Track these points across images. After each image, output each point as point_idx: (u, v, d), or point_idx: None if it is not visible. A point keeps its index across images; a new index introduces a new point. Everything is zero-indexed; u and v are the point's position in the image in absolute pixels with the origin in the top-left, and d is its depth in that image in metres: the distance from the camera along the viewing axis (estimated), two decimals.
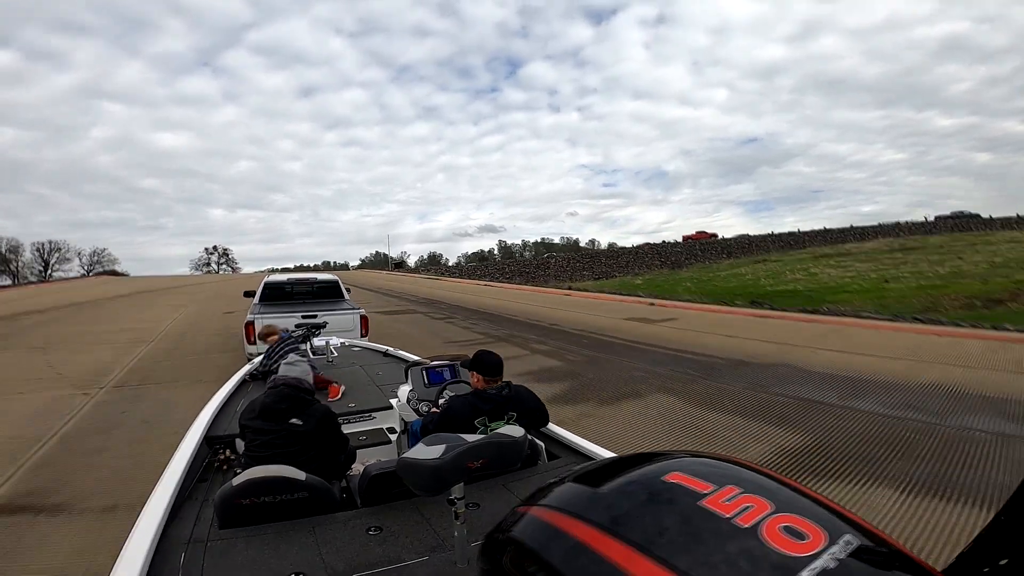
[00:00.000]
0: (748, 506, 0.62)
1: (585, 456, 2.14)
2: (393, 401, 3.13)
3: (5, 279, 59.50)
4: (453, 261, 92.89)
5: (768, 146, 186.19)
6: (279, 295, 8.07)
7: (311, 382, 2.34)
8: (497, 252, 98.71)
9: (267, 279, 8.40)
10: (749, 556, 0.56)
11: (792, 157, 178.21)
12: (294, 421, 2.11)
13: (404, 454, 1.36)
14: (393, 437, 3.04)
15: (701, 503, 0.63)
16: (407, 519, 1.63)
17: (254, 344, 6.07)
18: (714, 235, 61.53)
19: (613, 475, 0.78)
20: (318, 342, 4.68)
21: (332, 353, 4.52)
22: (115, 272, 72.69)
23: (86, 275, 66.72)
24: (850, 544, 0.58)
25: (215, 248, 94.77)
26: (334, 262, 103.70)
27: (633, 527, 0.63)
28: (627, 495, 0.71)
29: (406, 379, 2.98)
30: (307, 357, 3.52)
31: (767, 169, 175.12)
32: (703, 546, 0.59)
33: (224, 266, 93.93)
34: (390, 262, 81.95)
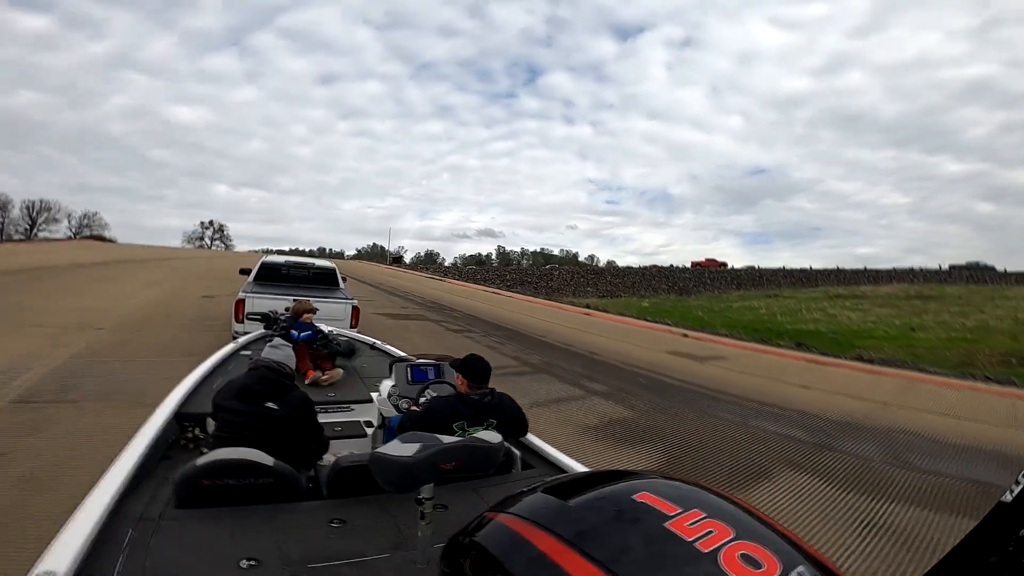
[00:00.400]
0: (710, 531, 0.63)
1: (559, 469, 2.12)
2: (374, 395, 3.04)
3: None
4: (450, 261, 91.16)
5: (775, 178, 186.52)
6: (274, 276, 7.90)
7: (293, 367, 2.31)
8: (495, 257, 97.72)
9: (264, 259, 8.24)
10: None
11: (797, 192, 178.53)
12: (270, 405, 2.07)
13: (378, 449, 1.35)
14: (369, 431, 2.99)
15: (666, 525, 0.64)
16: (372, 514, 1.61)
17: (242, 323, 6.05)
18: (723, 264, 60.20)
19: (584, 490, 0.79)
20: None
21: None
22: (102, 238, 70.09)
23: (72, 238, 64.50)
24: (802, 575, 0.61)
25: (211, 223, 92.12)
26: (330, 249, 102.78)
27: (597, 544, 0.64)
28: (595, 511, 0.72)
29: (390, 374, 2.93)
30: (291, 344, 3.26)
31: (771, 202, 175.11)
32: (663, 569, 0.60)
33: (217, 242, 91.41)
34: (388, 256, 79.73)
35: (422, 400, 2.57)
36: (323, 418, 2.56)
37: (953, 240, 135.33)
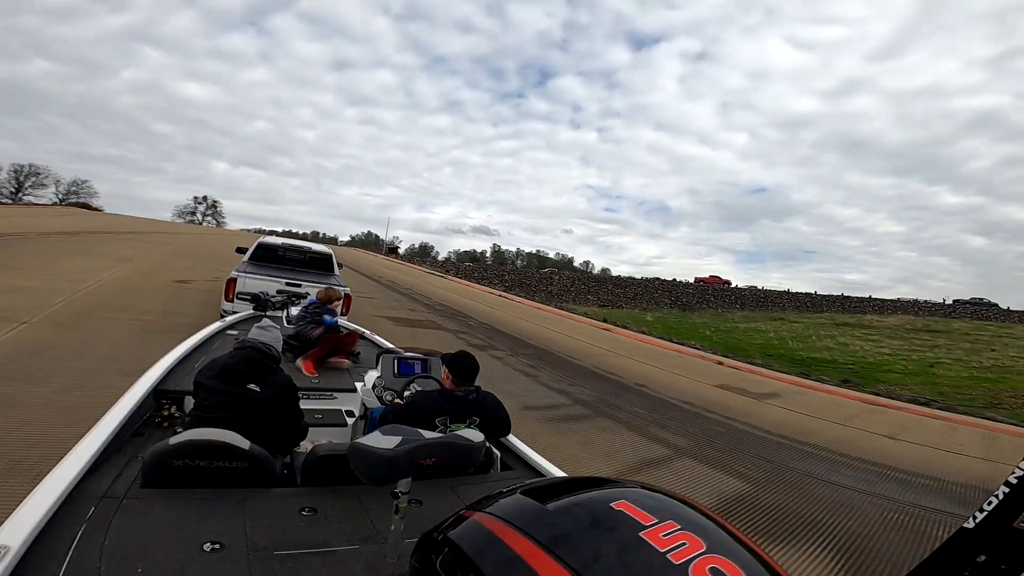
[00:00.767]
0: (683, 543, 0.64)
1: (538, 472, 2.11)
2: (358, 385, 3.01)
3: None
4: (443, 255, 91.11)
5: (774, 198, 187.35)
6: (270, 257, 7.78)
7: (280, 350, 2.28)
8: (489, 255, 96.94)
9: (261, 239, 8.15)
10: None
11: (795, 214, 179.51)
12: (252, 387, 2.04)
13: (358, 439, 1.31)
14: (350, 421, 2.94)
15: (641, 534, 0.65)
16: (345, 505, 1.58)
17: (231, 302, 5.97)
18: (727, 282, 59.11)
19: (563, 494, 0.78)
20: (295, 311, 4.59)
21: None
22: (87, 206, 67.45)
23: (58, 204, 62.00)
24: None
25: (204, 198, 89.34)
26: (324, 234, 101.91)
27: (571, 549, 0.64)
28: (572, 516, 0.72)
29: (376, 365, 2.89)
30: (279, 326, 2.87)
31: (767, 222, 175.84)
32: None
33: (209, 218, 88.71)
34: (384, 246, 77.30)
35: (407, 394, 2.55)
36: (305, 404, 2.45)
37: (941, 272, 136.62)
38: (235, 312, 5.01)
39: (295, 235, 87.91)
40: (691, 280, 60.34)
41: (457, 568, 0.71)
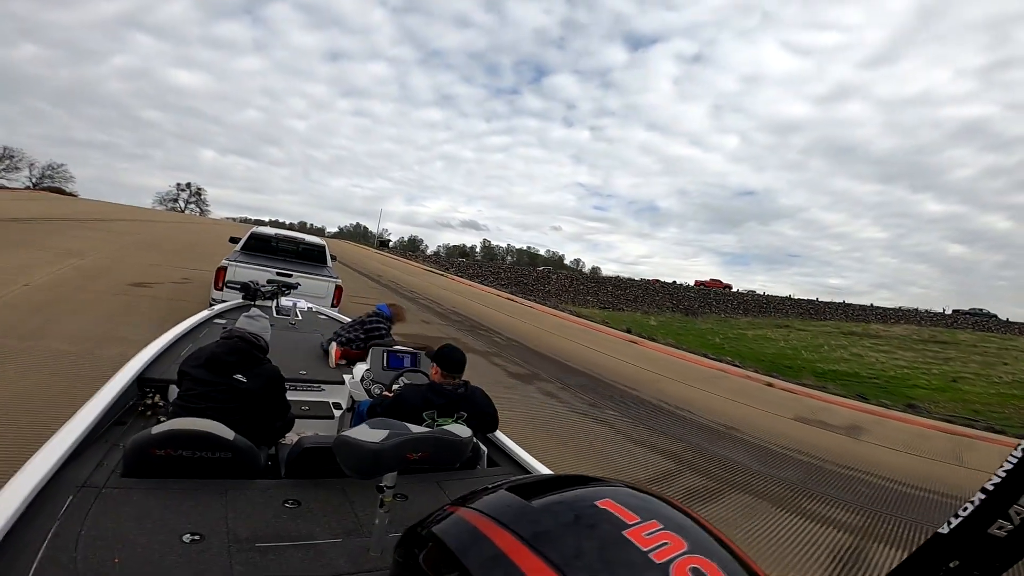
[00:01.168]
0: (665, 543, 0.64)
1: (524, 469, 2.10)
2: (346, 377, 2.98)
3: None
4: (432, 249, 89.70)
5: (762, 202, 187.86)
6: (262, 247, 7.68)
7: (268, 339, 2.24)
8: (479, 250, 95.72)
9: (254, 229, 8.12)
10: None
11: (781, 217, 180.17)
12: (238, 377, 2.01)
13: (344, 432, 1.30)
14: (337, 413, 2.91)
15: (624, 533, 0.65)
16: (329, 498, 1.57)
17: (221, 290, 5.97)
18: (728, 286, 57.95)
19: (548, 492, 0.79)
20: (285, 302, 4.75)
21: (296, 316, 4.54)
22: (60, 190, 63.98)
23: (30, 188, 58.67)
24: None
25: (187, 185, 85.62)
26: (311, 224, 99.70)
27: (554, 546, 0.64)
28: (557, 513, 0.72)
29: (365, 357, 2.88)
30: (268, 315, 2.96)
31: (754, 225, 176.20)
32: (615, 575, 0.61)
33: (193, 206, 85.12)
34: (376, 239, 74.40)
35: (395, 387, 2.53)
36: (291, 396, 2.43)
37: (920, 279, 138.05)
38: (224, 301, 4.97)
39: (282, 225, 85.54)
40: (691, 283, 59.06)
41: (441, 563, 0.70)
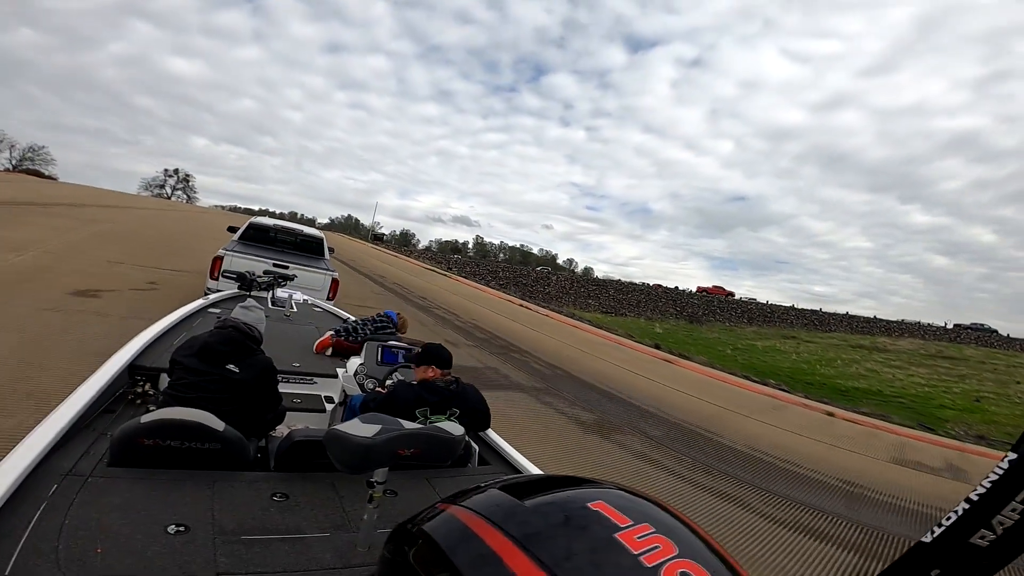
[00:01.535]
0: (656, 546, 0.63)
1: (516, 469, 2.07)
2: (340, 371, 2.96)
3: None
4: (424, 244, 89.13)
5: (752, 208, 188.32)
6: (260, 237, 7.55)
7: (262, 331, 2.24)
8: (472, 247, 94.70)
9: (253, 220, 7.94)
10: None
11: (771, 224, 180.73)
12: (231, 367, 1.97)
13: (335, 426, 1.30)
14: (329, 407, 2.86)
15: (616, 535, 0.65)
16: (318, 493, 1.52)
17: (216, 280, 5.95)
18: (731, 293, 56.87)
19: (541, 492, 0.78)
20: (281, 293, 4.79)
21: (292, 308, 4.52)
22: (39, 173, 61.16)
23: (8, 170, 56.21)
24: None
25: (175, 171, 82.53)
26: (302, 215, 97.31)
27: (545, 546, 0.64)
28: (548, 514, 0.71)
29: (360, 352, 2.89)
30: (263, 306, 2.92)
31: (744, 230, 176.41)
32: None
33: (180, 192, 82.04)
34: (371, 233, 71.85)
35: (388, 383, 2.49)
36: (283, 388, 2.42)
37: (903, 289, 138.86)
38: (219, 290, 5.11)
39: (272, 214, 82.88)
40: (693, 289, 57.87)
41: (429, 561, 0.70)
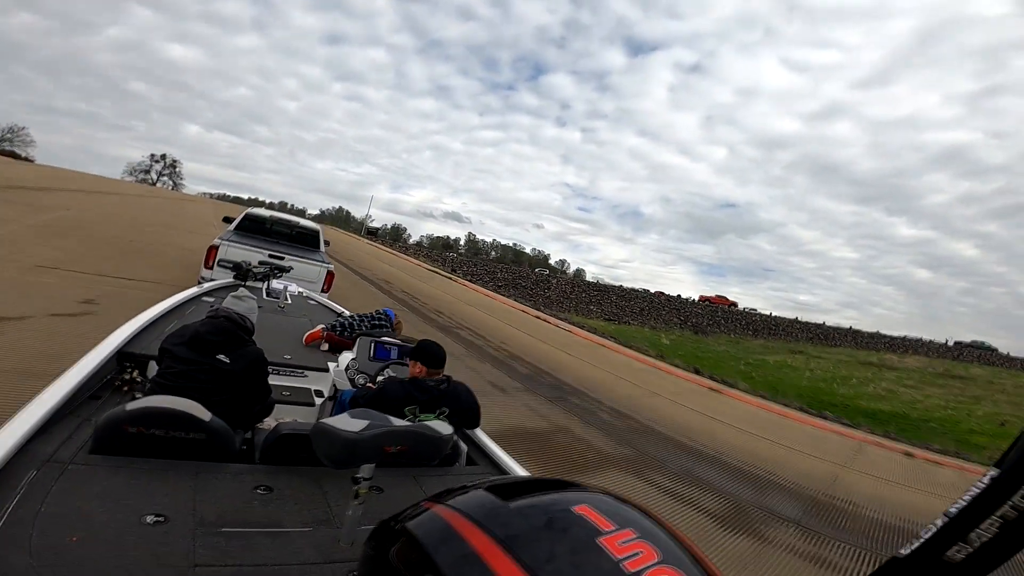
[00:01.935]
0: (638, 552, 0.63)
1: (503, 470, 2.06)
2: (331, 365, 2.91)
3: None
4: (415, 239, 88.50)
5: (742, 215, 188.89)
6: (256, 228, 7.52)
7: (255, 322, 2.22)
8: (464, 244, 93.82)
9: (249, 210, 7.95)
10: None
11: (760, 232, 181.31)
12: (221, 357, 1.96)
13: (323, 420, 1.30)
14: (318, 401, 2.83)
15: (598, 540, 0.64)
16: (303, 487, 1.51)
17: (211, 269, 5.92)
18: (734, 303, 55.81)
19: (527, 494, 0.78)
20: (276, 285, 4.69)
21: (286, 300, 4.35)
22: (14, 154, 58.33)
23: None
24: None
25: (162, 157, 79.46)
26: (292, 205, 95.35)
27: (528, 548, 0.63)
28: (533, 516, 0.71)
29: (352, 347, 2.85)
30: (256, 297, 2.84)
31: (733, 237, 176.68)
32: None
33: (166, 178, 78.91)
34: (364, 227, 69.17)
35: (379, 379, 2.48)
36: (273, 380, 2.41)
37: (885, 301, 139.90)
38: (213, 280, 4.99)
39: (261, 203, 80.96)
40: (695, 298, 56.75)
41: (411, 559, 0.69)
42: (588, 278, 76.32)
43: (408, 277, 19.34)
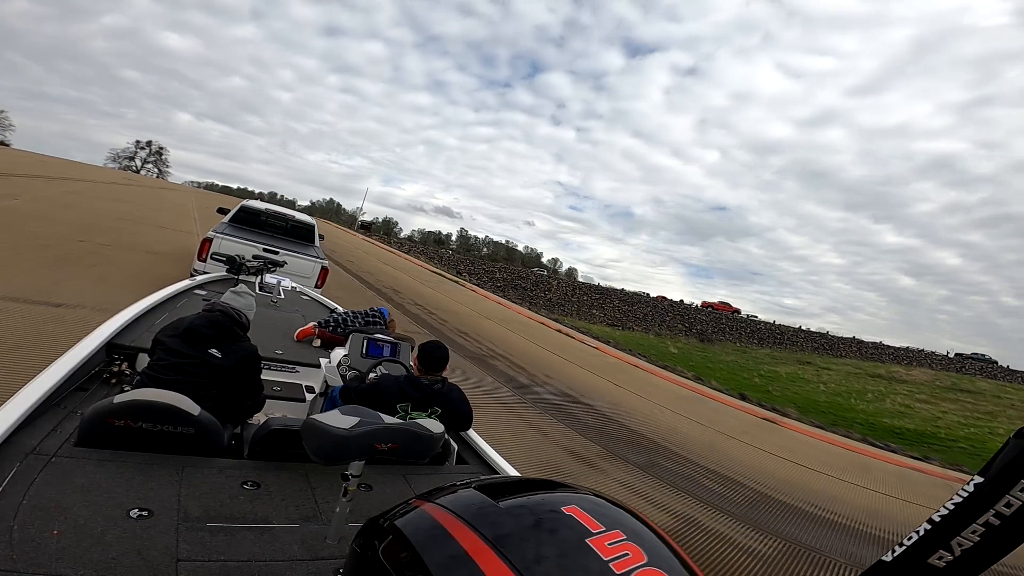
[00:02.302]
0: (626, 553, 0.64)
1: (494, 469, 2.04)
2: (323, 360, 2.84)
3: None
4: (406, 232, 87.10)
5: (732, 218, 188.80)
6: (251, 221, 7.39)
7: (251, 318, 2.17)
8: (455, 239, 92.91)
9: (244, 202, 7.81)
10: None
11: (749, 235, 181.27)
12: (213, 352, 1.92)
13: (314, 416, 1.26)
14: (309, 397, 2.81)
15: (587, 540, 0.65)
16: (291, 483, 1.49)
17: (204, 261, 5.80)
18: (737, 310, 54.88)
19: (516, 493, 0.78)
20: (270, 279, 4.62)
21: (279, 294, 4.39)
22: None
23: None
24: None
25: (148, 143, 76.31)
26: (282, 195, 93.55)
27: (517, 548, 0.63)
28: (522, 516, 0.71)
29: (345, 343, 2.82)
30: (254, 293, 2.83)
31: (722, 240, 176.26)
32: None
33: (151, 166, 75.85)
34: (358, 221, 66.74)
35: (371, 375, 2.45)
36: (264, 375, 2.34)
37: (868, 307, 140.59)
38: (206, 272, 4.94)
39: (251, 194, 78.47)
40: (698, 303, 55.70)
41: (400, 556, 0.68)
42: (579, 278, 74.97)
43: (415, 282, 17.69)
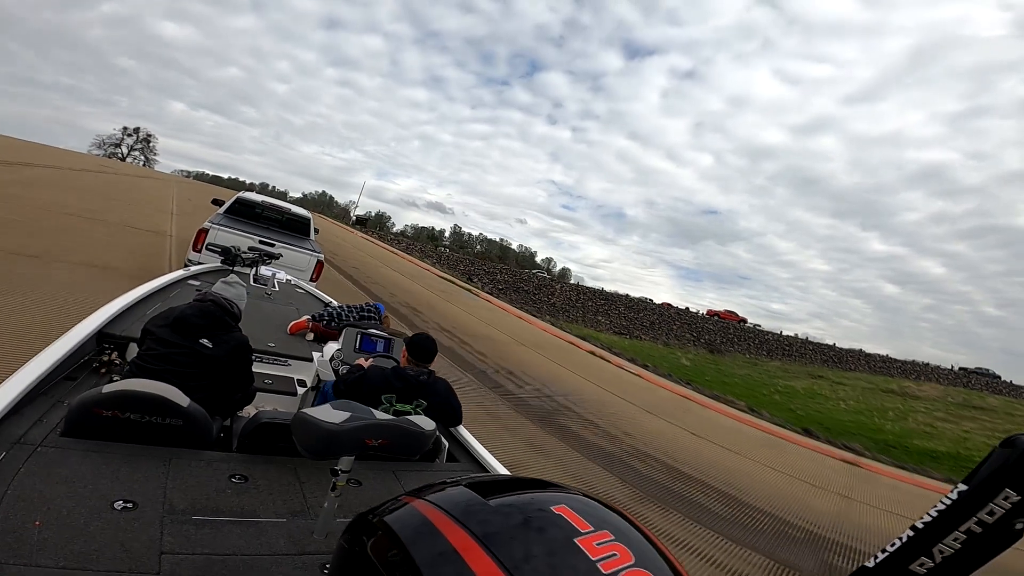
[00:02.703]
0: (614, 554, 0.64)
1: (484, 468, 2.04)
2: (316, 354, 2.91)
3: None
4: (399, 227, 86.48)
5: (723, 222, 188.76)
6: (247, 213, 7.45)
7: (242, 308, 2.17)
8: (449, 235, 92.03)
9: (240, 194, 7.86)
10: None
11: (738, 240, 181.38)
12: (204, 342, 1.91)
13: (304, 410, 1.26)
14: (301, 391, 2.79)
15: (576, 540, 0.65)
16: (279, 477, 1.49)
17: (199, 252, 5.91)
18: (743, 319, 53.89)
19: (506, 492, 0.79)
20: (264, 271, 4.62)
21: (274, 287, 4.34)
22: None
23: None
24: None
25: (135, 130, 73.57)
26: (274, 187, 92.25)
27: (506, 546, 0.64)
28: (511, 515, 0.71)
29: (339, 337, 2.85)
30: (246, 284, 2.84)
31: (712, 243, 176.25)
32: None
33: (137, 154, 73.14)
34: (352, 215, 64.69)
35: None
36: (256, 368, 2.34)
37: (852, 314, 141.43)
38: (200, 263, 5.02)
39: (242, 184, 76.31)
40: (703, 312, 54.65)
41: (388, 553, 0.68)
42: (571, 279, 74.00)
43: (428, 293, 16.14)
